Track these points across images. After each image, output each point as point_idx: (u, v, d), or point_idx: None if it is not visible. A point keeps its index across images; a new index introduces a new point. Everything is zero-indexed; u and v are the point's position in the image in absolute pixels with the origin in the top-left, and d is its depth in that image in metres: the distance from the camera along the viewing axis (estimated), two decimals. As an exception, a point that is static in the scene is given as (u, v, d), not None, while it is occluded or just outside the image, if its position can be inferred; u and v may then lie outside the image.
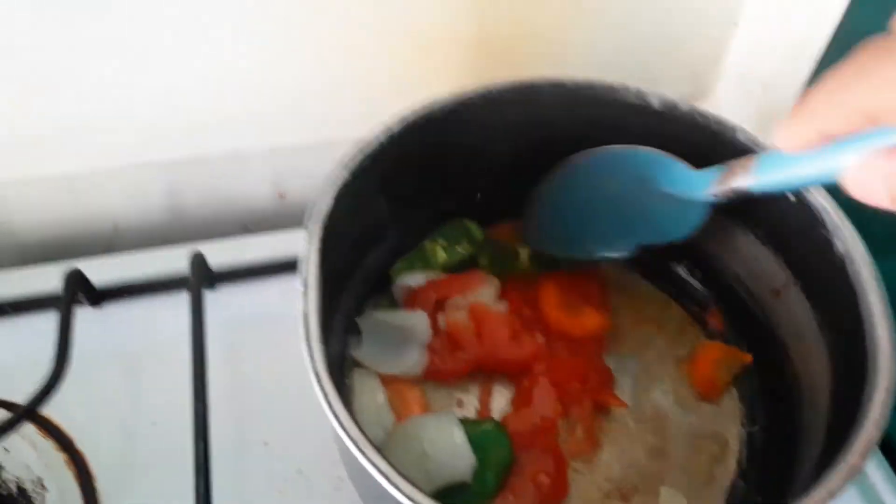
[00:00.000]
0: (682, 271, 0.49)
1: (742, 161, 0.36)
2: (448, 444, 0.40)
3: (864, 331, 0.33)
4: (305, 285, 0.33)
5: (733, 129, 0.41)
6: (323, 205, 0.36)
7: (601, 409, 0.44)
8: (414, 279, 0.47)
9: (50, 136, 0.50)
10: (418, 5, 0.51)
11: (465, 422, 0.41)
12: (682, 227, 0.41)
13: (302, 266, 0.34)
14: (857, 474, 0.29)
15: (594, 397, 0.43)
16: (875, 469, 0.46)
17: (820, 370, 0.38)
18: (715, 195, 0.38)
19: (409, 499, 0.27)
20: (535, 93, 0.43)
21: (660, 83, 0.64)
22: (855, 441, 0.30)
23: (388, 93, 0.54)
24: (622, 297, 0.49)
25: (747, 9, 0.59)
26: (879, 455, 0.47)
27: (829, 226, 0.37)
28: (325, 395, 0.30)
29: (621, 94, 0.43)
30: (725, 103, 0.65)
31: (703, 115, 0.42)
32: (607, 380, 0.44)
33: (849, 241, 0.36)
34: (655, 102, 0.42)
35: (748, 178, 0.35)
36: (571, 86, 0.43)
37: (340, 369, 0.44)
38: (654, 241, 0.43)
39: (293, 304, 0.34)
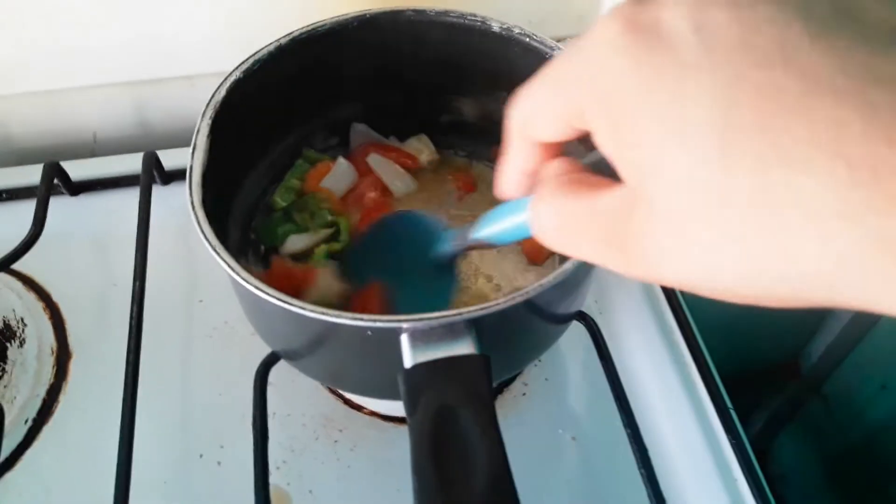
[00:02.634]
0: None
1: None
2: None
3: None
4: (193, 147, 0.43)
5: (552, 48, 0.48)
6: (219, 95, 0.46)
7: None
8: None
9: (37, 58, 0.61)
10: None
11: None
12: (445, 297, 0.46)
13: (194, 136, 0.43)
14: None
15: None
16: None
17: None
18: (455, 248, 0.42)
19: (235, 273, 0.36)
20: (402, 17, 0.51)
21: (548, 25, 0.72)
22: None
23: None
24: (484, 186, 0.58)
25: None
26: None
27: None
28: (194, 209, 0.39)
29: (469, 20, 0.50)
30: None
31: (534, 37, 0.49)
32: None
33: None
34: (495, 27, 0.50)
35: (471, 233, 0.38)
36: (431, 13, 0.51)
37: (245, 241, 0.53)
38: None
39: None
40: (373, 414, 0.51)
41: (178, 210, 0.61)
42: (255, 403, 0.45)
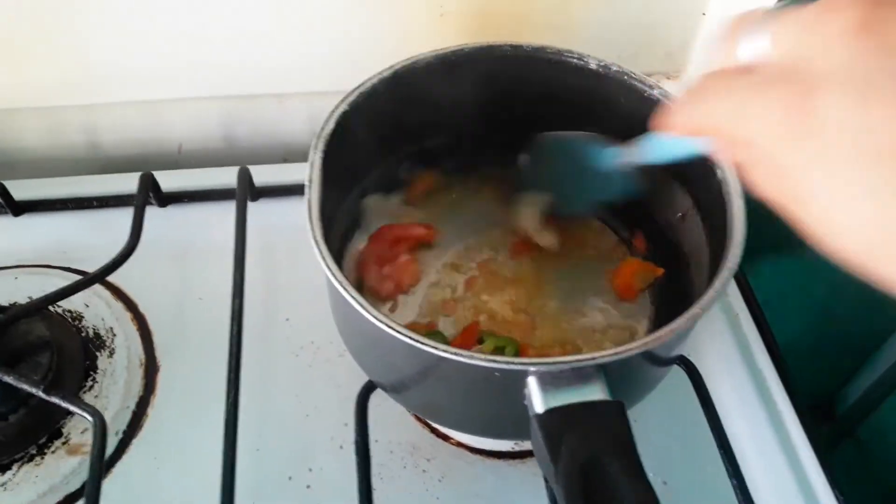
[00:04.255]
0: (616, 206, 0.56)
1: (635, 141, 0.43)
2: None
3: (730, 230, 0.40)
4: (310, 181, 0.42)
5: (651, 87, 0.48)
6: (328, 127, 0.45)
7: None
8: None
9: (135, 69, 0.61)
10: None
11: None
12: (617, 190, 0.48)
13: (308, 170, 0.43)
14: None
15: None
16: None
17: (704, 272, 0.45)
18: (621, 166, 0.46)
19: (364, 310, 0.36)
20: (499, 52, 0.51)
21: (639, 61, 0.71)
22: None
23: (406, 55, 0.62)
24: (568, 225, 0.56)
25: (713, 1, 0.66)
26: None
27: (713, 161, 0.44)
28: (318, 245, 0.38)
29: (566, 56, 0.50)
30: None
31: (633, 75, 0.49)
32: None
33: (725, 170, 0.43)
34: (593, 64, 0.50)
35: (635, 154, 0.43)
36: (528, 48, 0.51)
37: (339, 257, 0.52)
38: (604, 200, 0.52)
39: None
40: (460, 445, 0.50)
41: (266, 227, 0.61)
42: (357, 431, 0.44)
